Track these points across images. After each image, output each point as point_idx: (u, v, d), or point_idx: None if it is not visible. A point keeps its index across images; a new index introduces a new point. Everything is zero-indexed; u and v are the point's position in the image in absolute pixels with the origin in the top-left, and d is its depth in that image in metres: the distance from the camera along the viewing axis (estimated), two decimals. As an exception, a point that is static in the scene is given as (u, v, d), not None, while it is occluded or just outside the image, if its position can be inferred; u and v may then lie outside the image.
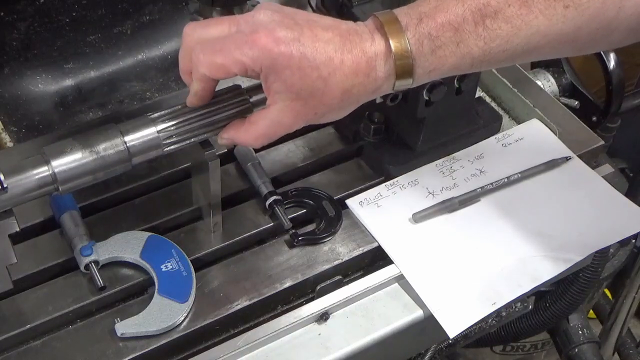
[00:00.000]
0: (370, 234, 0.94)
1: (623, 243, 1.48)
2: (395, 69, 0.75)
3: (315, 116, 0.77)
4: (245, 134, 0.79)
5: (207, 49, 0.74)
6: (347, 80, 0.75)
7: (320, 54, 0.73)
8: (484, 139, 1.05)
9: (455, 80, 0.96)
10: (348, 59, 0.74)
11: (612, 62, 1.19)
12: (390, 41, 0.74)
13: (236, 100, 0.81)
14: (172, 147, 0.80)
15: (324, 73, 0.74)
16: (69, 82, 1.19)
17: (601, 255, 1.24)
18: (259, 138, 0.79)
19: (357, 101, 0.78)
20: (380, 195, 0.97)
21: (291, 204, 0.96)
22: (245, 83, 0.84)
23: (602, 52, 1.17)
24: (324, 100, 0.75)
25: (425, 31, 0.74)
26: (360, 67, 0.75)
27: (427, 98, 0.95)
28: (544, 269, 0.92)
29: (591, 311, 1.73)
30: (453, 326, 0.86)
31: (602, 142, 1.08)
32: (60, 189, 0.75)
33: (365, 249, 0.93)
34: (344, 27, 0.76)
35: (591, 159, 1.06)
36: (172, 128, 0.79)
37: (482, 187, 0.98)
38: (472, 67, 0.77)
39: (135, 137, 0.77)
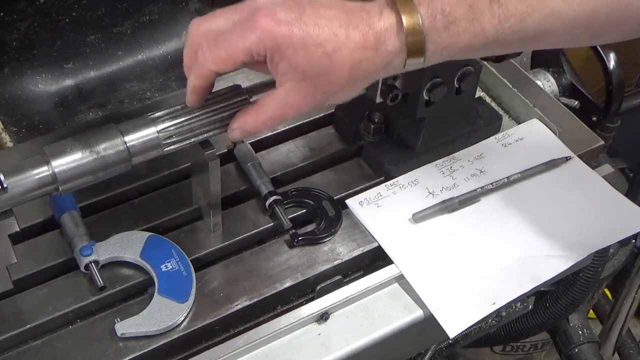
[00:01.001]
0: (370, 234, 0.94)
1: (623, 243, 1.48)
2: (406, 43, 0.73)
3: (324, 96, 0.76)
4: (255, 117, 0.78)
5: (212, 44, 0.74)
6: (354, 56, 0.73)
7: (324, 31, 0.72)
8: (484, 139, 1.05)
9: (455, 80, 0.96)
10: (354, 34, 0.73)
11: (612, 62, 1.19)
12: (402, 15, 0.73)
13: (236, 100, 0.81)
14: (172, 147, 0.80)
15: (329, 49, 0.73)
16: (69, 82, 1.19)
17: (601, 255, 1.24)
18: (268, 120, 0.78)
19: (367, 78, 0.76)
20: (380, 195, 0.97)
21: (291, 204, 0.96)
22: (245, 83, 0.84)
23: (602, 52, 1.17)
24: (331, 77, 0.74)
25: (439, 6, 0.73)
26: (367, 41, 0.73)
27: (427, 98, 0.95)
28: (544, 269, 0.92)
29: (591, 311, 1.73)
30: (453, 326, 0.86)
31: (602, 142, 1.08)
32: (60, 189, 0.75)
33: (365, 249, 0.93)
34: (351, 5, 0.75)
35: (591, 159, 1.06)
36: (172, 128, 0.79)
37: (482, 187, 0.98)
38: (484, 48, 0.75)
39: (135, 137, 0.77)
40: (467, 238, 0.94)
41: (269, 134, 1.03)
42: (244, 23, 0.73)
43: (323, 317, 0.86)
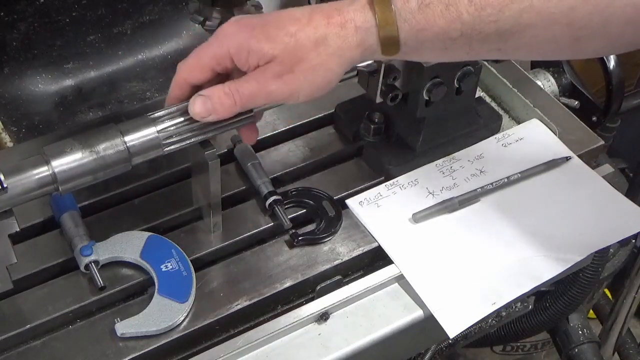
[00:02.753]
0: (370, 234, 0.94)
1: (623, 243, 1.48)
2: (377, 20, 0.74)
3: (295, 76, 0.76)
4: (224, 87, 0.77)
5: (186, 58, 0.79)
6: (317, 31, 0.74)
7: (285, 17, 0.75)
8: (484, 139, 1.05)
9: (455, 80, 0.96)
10: (317, 16, 0.75)
11: (612, 62, 1.19)
12: None
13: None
14: (172, 147, 0.80)
15: (291, 30, 0.74)
16: (69, 82, 1.19)
17: (601, 255, 1.24)
18: (238, 95, 0.77)
19: (340, 54, 0.76)
20: (380, 195, 0.97)
21: (291, 204, 0.96)
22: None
23: (602, 52, 1.17)
24: (298, 53, 0.75)
25: None
26: (332, 18, 0.75)
27: (427, 98, 0.95)
28: (544, 269, 0.92)
29: (591, 311, 1.73)
30: (453, 326, 0.86)
31: (602, 142, 1.08)
32: (60, 189, 0.75)
33: (365, 249, 0.93)
34: (320, 4, 0.77)
35: (591, 159, 1.06)
36: (172, 128, 0.79)
37: (482, 187, 0.98)
38: (462, 36, 0.75)
39: (135, 137, 0.77)
40: (467, 238, 0.94)
41: (268, 134, 1.03)
42: (213, 35, 0.78)
43: (323, 317, 0.86)
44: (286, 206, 0.94)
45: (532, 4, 0.73)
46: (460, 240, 0.94)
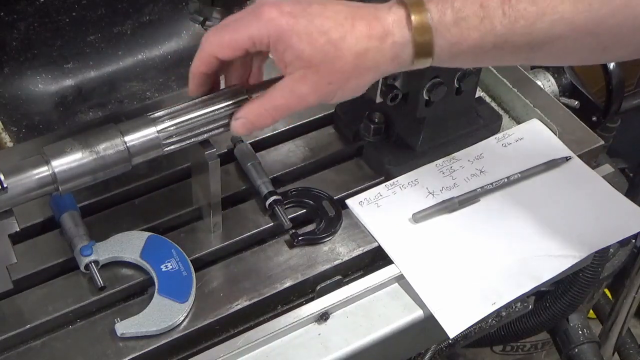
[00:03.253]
0: (370, 234, 0.94)
1: (623, 243, 1.48)
2: (413, 36, 0.74)
3: (331, 87, 0.76)
4: (259, 106, 0.77)
5: (217, 30, 0.76)
6: (359, 43, 0.74)
7: (329, 21, 0.73)
8: (484, 139, 1.05)
9: (455, 80, 0.96)
10: (360, 24, 0.74)
11: (612, 62, 1.19)
12: (410, 9, 0.74)
13: (236, 100, 0.81)
14: (172, 147, 0.80)
15: (334, 36, 0.73)
16: (69, 82, 1.19)
17: (601, 255, 1.24)
18: (273, 110, 0.77)
19: (376, 68, 0.76)
20: (380, 195, 0.97)
21: (291, 204, 0.96)
22: (245, 83, 0.85)
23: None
24: (336, 66, 0.74)
25: (449, 2, 0.74)
26: (374, 30, 0.74)
27: (427, 98, 0.95)
28: (544, 269, 0.92)
29: (591, 311, 1.73)
30: (453, 326, 0.86)
31: (602, 142, 1.08)
32: (60, 189, 0.75)
33: (365, 249, 0.93)
34: (359, 3, 0.76)
35: (591, 159, 1.06)
36: (172, 128, 0.79)
37: (482, 187, 0.98)
38: (494, 49, 0.75)
39: (135, 137, 0.77)
40: (467, 238, 0.94)
41: (268, 134, 1.04)
42: (250, 12, 0.75)
43: (323, 317, 0.86)
44: (286, 206, 0.94)
45: (563, 15, 0.73)
46: (460, 240, 0.94)
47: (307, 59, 0.73)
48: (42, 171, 0.74)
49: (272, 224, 0.94)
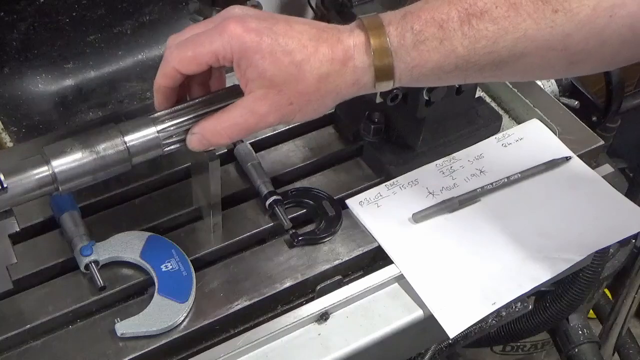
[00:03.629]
0: (370, 234, 0.94)
1: (623, 243, 1.49)
2: (373, 61, 0.74)
3: (292, 107, 0.75)
4: (216, 123, 0.76)
5: (180, 44, 0.75)
6: (322, 67, 0.73)
7: (293, 41, 0.73)
8: (484, 139, 1.05)
9: (455, 80, 0.96)
10: (323, 47, 0.73)
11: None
12: (370, 33, 0.73)
13: (236, 100, 0.81)
14: (172, 147, 0.80)
15: (297, 58, 0.73)
16: (69, 82, 1.19)
17: (601, 255, 1.24)
18: (229, 128, 0.76)
19: (337, 92, 0.76)
20: (380, 195, 0.97)
21: (291, 204, 0.96)
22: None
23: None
24: (298, 87, 0.74)
25: (408, 25, 0.73)
26: (336, 54, 0.74)
27: (427, 98, 0.95)
28: (544, 269, 0.92)
29: (591, 311, 1.73)
30: (453, 326, 0.86)
31: (602, 142, 1.08)
32: (60, 189, 0.75)
33: (365, 249, 0.93)
34: (323, 24, 0.76)
35: (591, 159, 1.06)
36: (172, 128, 0.79)
37: (482, 187, 0.98)
38: (456, 69, 0.75)
39: (135, 137, 0.77)
40: (467, 238, 0.94)
41: (269, 134, 1.04)
42: (215, 28, 0.74)
43: (323, 317, 0.86)
44: (286, 206, 0.94)
45: (526, 33, 0.73)
46: (460, 240, 0.94)
47: (269, 78, 0.73)
48: (42, 171, 0.74)
49: (272, 224, 0.94)
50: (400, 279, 0.90)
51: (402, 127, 1.01)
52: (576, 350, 1.44)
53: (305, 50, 0.73)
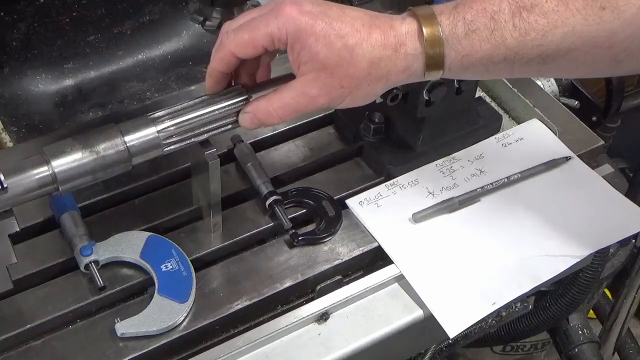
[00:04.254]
0: (370, 234, 0.94)
1: (623, 243, 1.48)
2: (425, 48, 0.75)
3: (342, 91, 0.76)
4: (269, 103, 0.78)
5: (237, 29, 0.77)
6: (373, 52, 0.74)
7: (346, 25, 0.74)
8: (484, 139, 1.05)
9: (455, 80, 0.96)
10: (376, 33, 0.75)
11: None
12: (422, 22, 0.75)
13: (237, 100, 0.81)
14: (172, 147, 0.80)
15: (350, 42, 0.74)
16: (69, 82, 1.19)
17: (601, 255, 1.24)
18: (281, 108, 0.78)
19: (387, 78, 0.77)
20: (380, 195, 0.97)
21: (291, 204, 0.96)
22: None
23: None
24: (350, 71, 0.75)
25: (460, 15, 0.75)
26: (388, 40, 0.75)
27: (427, 98, 0.95)
28: (544, 269, 0.92)
29: (591, 311, 1.73)
30: (453, 326, 0.86)
31: (602, 142, 1.08)
32: (60, 189, 0.75)
33: (365, 249, 0.93)
34: (375, 12, 0.77)
35: (591, 159, 1.06)
36: (172, 128, 0.79)
37: (482, 187, 0.98)
38: (504, 61, 0.76)
39: (135, 137, 0.77)
40: (467, 238, 0.94)
41: (269, 134, 1.04)
42: (270, 11, 0.75)
43: (323, 317, 0.86)
44: (286, 206, 0.94)
45: (574, 28, 0.74)
46: (460, 240, 0.94)
47: (322, 61, 0.74)
48: (42, 171, 0.74)
49: (272, 224, 0.94)
50: (400, 279, 0.90)
51: (402, 127, 1.01)
52: (576, 350, 1.43)
53: (358, 35, 0.74)
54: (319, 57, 0.74)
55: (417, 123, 0.99)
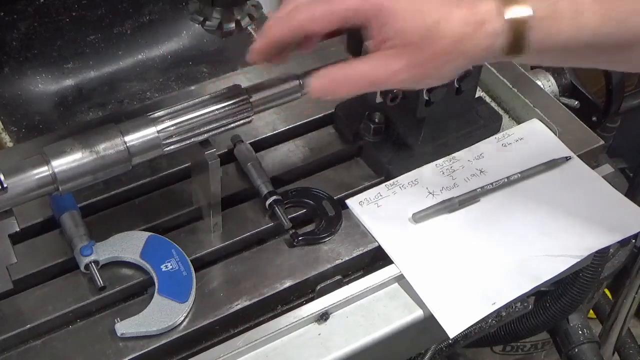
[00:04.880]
0: (370, 234, 0.94)
1: (623, 243, 1.48)
2: (507, 27, 0.73)
3: (425, 67, 0.74)
4: (343, 71, 0.75)
5: (311, 3, 0.73)
6: (456, 28, 0.73)
7: (429, 3, 0.73)
8: (484, 139, 1.05)
9: (455, 80, 0.96)
10: (459, 9, 0.73)
11: None
12: (505, 1, 0.73)
13: (236, 100, 0.81)
14: (172, 147, 0.80)
15: (434, 18, 0.72)
16: (69, 82, 1.19)
17: (601, 255, 1.24)
18: (357, 78, 0.74)
19: (469, 56, 0.75)
20: (380, 195, 0.97)
21: (291, 204, 0.96)
22: (244, 83, 0.84)
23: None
24: (434, 47, 0.73)
25: None
26: (471, 17, 0.73)
27: (427, 98, 0.95)
28: (544, 269, 0.92)
29: (591, 311, 1.73)
30: (453, 326, 0.86)
31: (602, 142, 1.07)
32: (60, 189, 0.75)
33: (365, 249, 0.93)
34: None
35: (591, 159, 1.06)
36: (172, 128, 0.79)
37: (482, 187, 0.98)
38: (585, 47, 0.75)
39: (135, 137, 0.77)
40: (467, 238, 0.94)
41: (269, 134, 1.04)
42: None
43: (323, 317, 0.87)
44: (286, 206, 0.94)
45: None
46: (460, 240, 0.94)
47: (407, 37, 0.72)
48: (42, 171, 0.74)
49: (272, 224, 0.94)
50: (400, 279, 0.90)
51: (402, 127, 1.01)
52: (576, 350, 1.43)
53: (441, 10, 0.73)
54: (404, 33, 0.72)
55: (417, 123, 0.99)
